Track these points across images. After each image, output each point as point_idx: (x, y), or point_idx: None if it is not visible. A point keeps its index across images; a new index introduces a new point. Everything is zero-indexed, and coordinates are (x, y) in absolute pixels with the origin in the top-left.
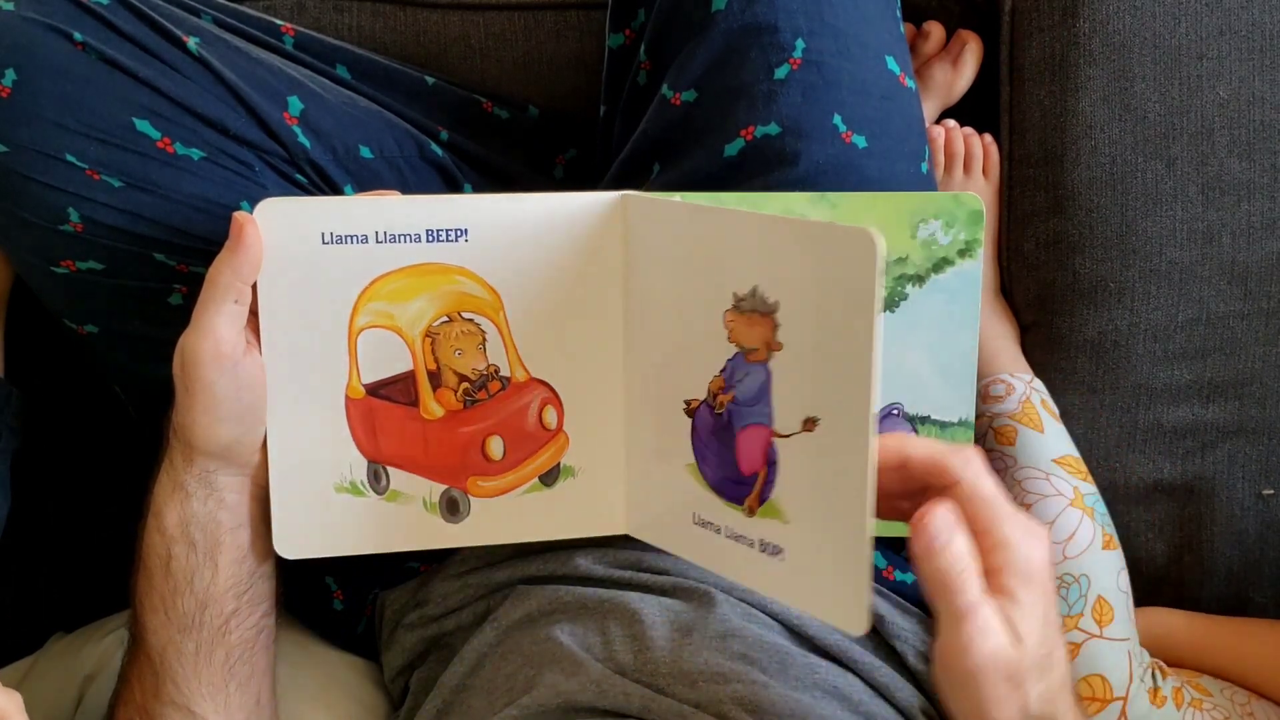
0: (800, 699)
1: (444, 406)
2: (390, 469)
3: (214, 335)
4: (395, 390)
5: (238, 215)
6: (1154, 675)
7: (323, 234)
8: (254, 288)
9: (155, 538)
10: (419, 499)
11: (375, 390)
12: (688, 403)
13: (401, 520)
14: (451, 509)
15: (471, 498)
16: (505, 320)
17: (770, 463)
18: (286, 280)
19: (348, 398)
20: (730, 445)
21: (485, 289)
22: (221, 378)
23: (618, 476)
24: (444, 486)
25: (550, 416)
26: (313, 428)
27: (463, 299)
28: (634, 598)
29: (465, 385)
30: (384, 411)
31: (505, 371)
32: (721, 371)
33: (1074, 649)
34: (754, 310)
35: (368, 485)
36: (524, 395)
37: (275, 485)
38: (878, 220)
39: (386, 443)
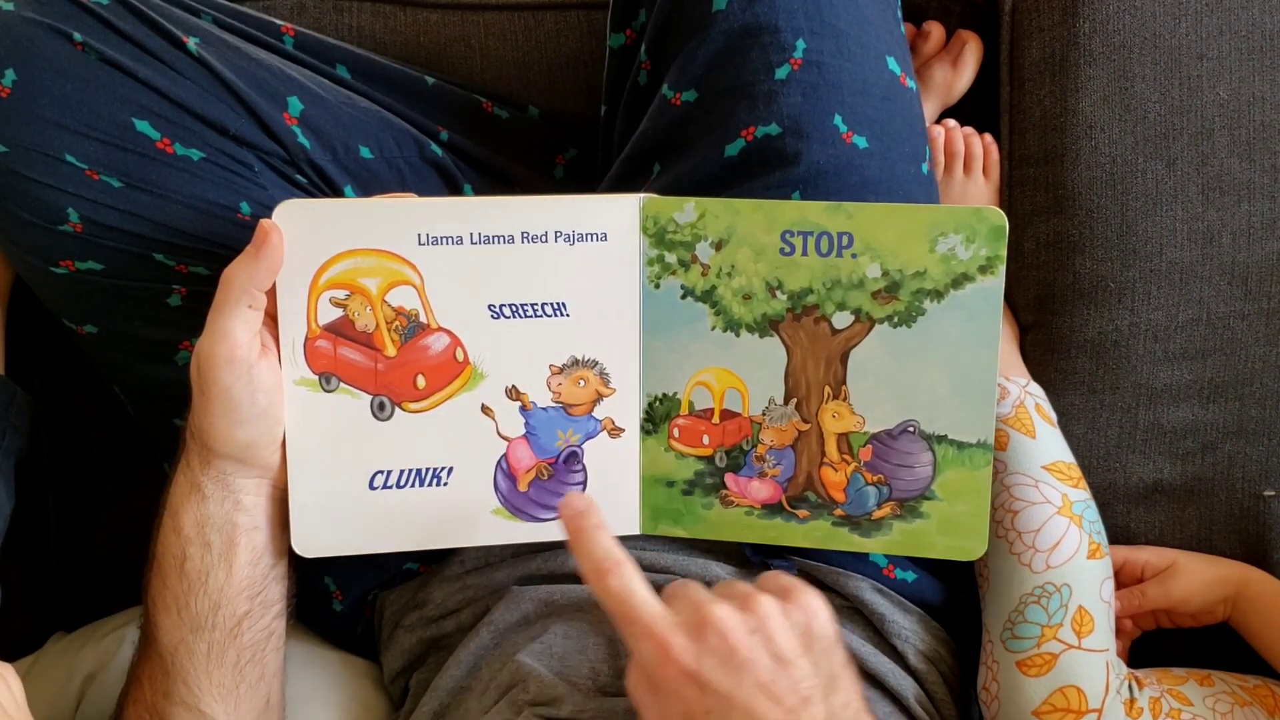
0: None
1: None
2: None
3: (229, 339)
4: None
5: (264, 222)
6: (1130, 686)
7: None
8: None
9: (171, 538)
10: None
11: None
12: None
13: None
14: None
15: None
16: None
17: None
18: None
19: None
20: None
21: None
22: (236, 381)
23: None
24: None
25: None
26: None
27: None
28: None
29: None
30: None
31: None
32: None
33: (1051, 660)
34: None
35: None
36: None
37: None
38: (896, 233)
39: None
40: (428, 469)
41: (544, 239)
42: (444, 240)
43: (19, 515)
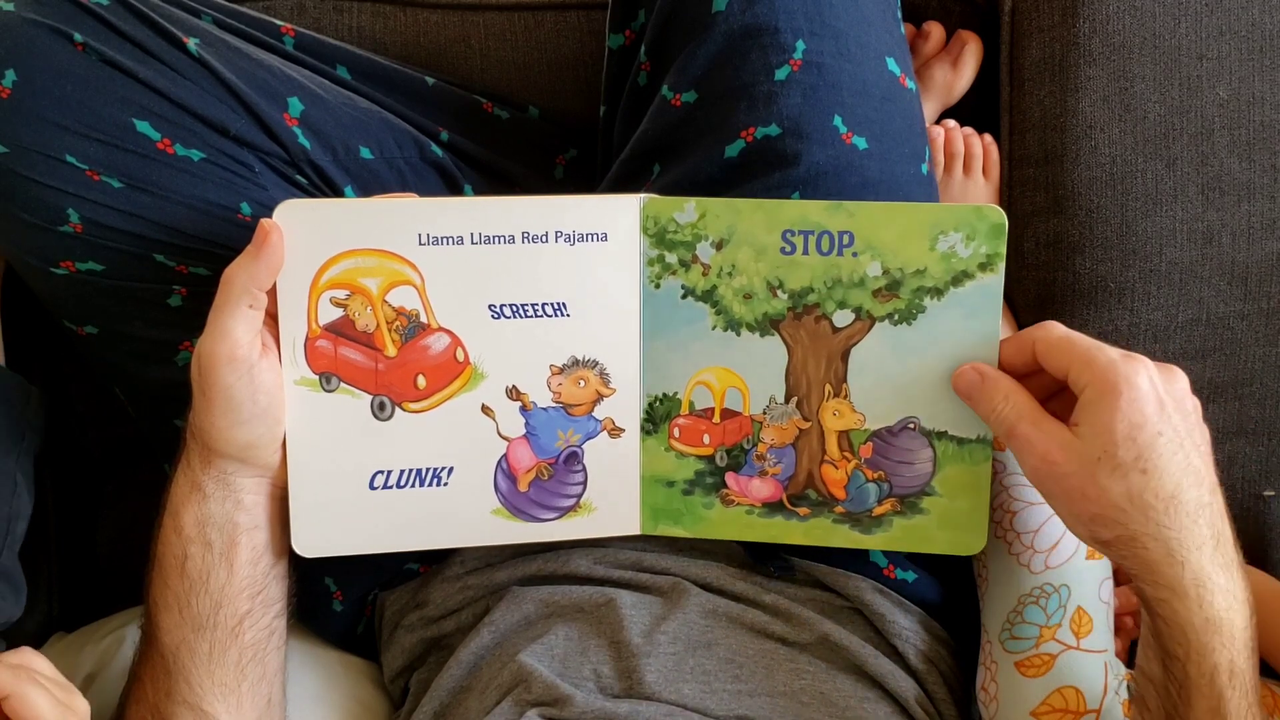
0: (786, 705)
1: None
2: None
3: (229, 338)
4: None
5: (264, 221)
6: (1129, 687)
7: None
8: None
9: (171, 537)
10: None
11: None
12: None
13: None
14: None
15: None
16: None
17: None
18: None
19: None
20: None
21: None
22: (238, 381)
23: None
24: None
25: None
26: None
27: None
28: (628, 600)
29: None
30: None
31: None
32: None
33: (1049, 660)
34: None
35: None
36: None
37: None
38: (897, 231)
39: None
40: (428, 469)
41: (544, 239)
42: (444, 240)
43: None
